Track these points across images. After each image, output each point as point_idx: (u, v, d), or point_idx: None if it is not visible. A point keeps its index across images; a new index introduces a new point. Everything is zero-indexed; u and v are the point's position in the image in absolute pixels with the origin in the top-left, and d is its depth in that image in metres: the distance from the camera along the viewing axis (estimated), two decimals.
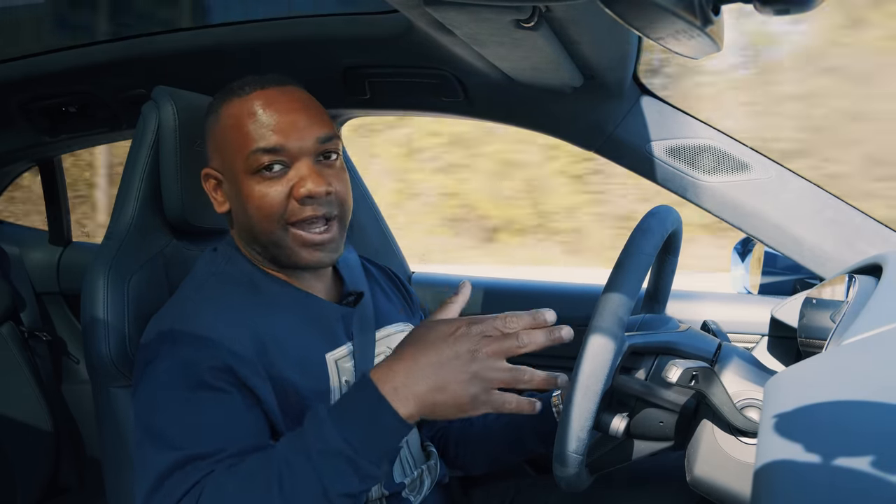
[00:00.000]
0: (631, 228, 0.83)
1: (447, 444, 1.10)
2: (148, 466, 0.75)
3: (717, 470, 0.78)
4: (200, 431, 0.75)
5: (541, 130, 1.29)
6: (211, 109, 0.91)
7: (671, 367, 0.78)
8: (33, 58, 1.25)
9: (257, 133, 0.84)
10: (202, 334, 0.79)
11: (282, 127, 0.84)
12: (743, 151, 1.17)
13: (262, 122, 0.84)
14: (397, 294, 1.10)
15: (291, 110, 0.86)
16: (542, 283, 1.55)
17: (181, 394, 0.77)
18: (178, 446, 0.74)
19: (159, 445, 0.75)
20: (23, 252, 1.84)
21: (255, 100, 0.86)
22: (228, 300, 0.85)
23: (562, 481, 0.78)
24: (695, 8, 0.43)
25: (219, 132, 0.88)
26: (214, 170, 0.90)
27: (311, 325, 0.89)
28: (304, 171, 0.84)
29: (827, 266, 1.14)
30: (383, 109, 1.34)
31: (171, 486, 0.72)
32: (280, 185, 0.84)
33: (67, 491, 1.75)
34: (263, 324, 0.83)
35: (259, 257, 0.91)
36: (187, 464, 0.73)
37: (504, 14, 0.76)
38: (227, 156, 0.87)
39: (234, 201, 0.89)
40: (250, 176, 0.85)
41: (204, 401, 0.77)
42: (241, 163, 0.85)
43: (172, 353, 0.79)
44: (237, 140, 0.85)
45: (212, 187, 0.91)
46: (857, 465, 0.42)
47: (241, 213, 0.88)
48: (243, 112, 0.86)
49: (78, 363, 1.83)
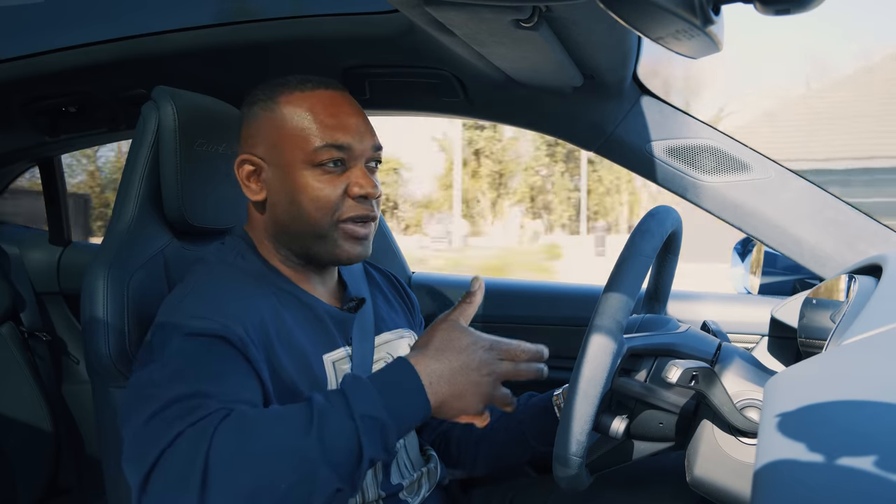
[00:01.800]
0: None
1: (448, 445, 1.10)
2: (148, 399, 0.70)
3: (718, 470, 0.78)
4: (212, 377, 0.72)
5: (541, 130, 1.29)
6: (260, 97, 0.91)
7: (671, 367, 0.78)
8: (33, 58, 1.25)
9: (326, 129, 0.87)
10: (214, 310, 0.79)
11: (351, 128, 0.88)
12: (743, 151, 1.17)
13: (331, 119, 0.87)
14: (398, 300, 1.10)
15: (355, 114, 0.90)
16: (542, 284, 1.55)
17: (187, 351, 0.75)
18: (186, 382, 0.70)
19: (161, 386, 0.71)
20: (23, 252, 1.84)
21: (322, 97, 0.89)
22: (237, 285, 0.86)
23: (562, 482, 0.78)
24: (695, 8, 0.43)
25: (275, 121, 0.88)
26: (257, 157, 0.90)
27: (312, 326, 0.89)
28: (359, 173, 0.88)
29: (827, 266, 1.14)
30: (383, 109, 1.34)
31: (180, 410, 0.67)
32: (338, 182, 0.87)
33: (68, 491, 1.75)
34: (270, 314, 0.84)
35: (280, 254, 0.92)
36: (195, 398, 0.69)
37: (504, 14, 0.76)
38: (282, 146, 0.87)
39: (278, 192, 0.89)
40: (309, 168, 0.87)
41: (215, 358, 0.75)
42: (302, 154, 0.86)
43: (181, 325, 0.78)
44: (301, 132, 0.87)
45: (246, 174, 0.91)
46: (857, 465, 0.42)
47: (284, 204, 0.88)
48: (310, 106, 0.88)
49: (78, 363, 1.83)
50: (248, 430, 0.66)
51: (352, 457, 0.67)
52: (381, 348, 0.98)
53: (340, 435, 0.67)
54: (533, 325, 1.45)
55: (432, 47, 1.07)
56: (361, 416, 0.68)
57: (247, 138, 0.92)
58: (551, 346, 0.84)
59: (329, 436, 0.67)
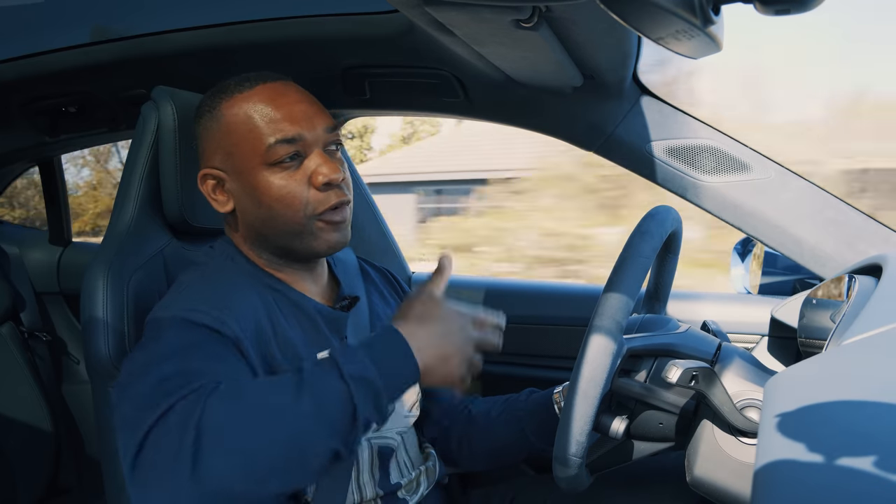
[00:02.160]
0: None
1: (448, 441, 1.10)
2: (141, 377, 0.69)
3: (718, 470, 0.78)
4: (205, 359, 0.72)
5: (541, 131, 1.29)
6: (204, 110, 0.90)
7: (671, 367, 0.78)
8: (33, 58, 1.25)
9: (273, 125, 0.85)
10: (210, 305, 0.79)
11: (297, 118, 0.85)
12: (743, 151, 1.17)
13: (275, 114, 0.85)
14: (395, 296, 1.10)
15: (300, 101, 0.87)
16: (542, 284, 1.55)
17: (184, 336, 0.75)
18: (179, 361, 0.70)
19: (152, 365, 0.70)
20: (23, 252, 1.84)
21: (262, 93, 0.87)
22: (230, 285, 0.85)
23: (562, 482, 0.78)
24: (695, 8, 0.43)
25: (222, 130, 0.87)
26: (216, 169, 0.89)
27: (303, 326, 0.89)
28: (318, 160, 0.86)
29: (827, 266, 1.14)
30: (383, 109, 1.34)
31: (172, 386, 0.67)
32: (299, 176, 0.85)
33: (68, 491, 1.75)
34: (265, 311, 0.84)
35: (262, 258, 0.91)
36: (187, 374, 0.69)
37: (504, 14, 0.75)
38: (235, 153, 0.86)
39: (243, 199, 0.88)
40: (267, 169, 0.85)
41: (208, 345, 0.75)
42: (256, 157, 0.85)
43: (175, 322, 0.77)
44: (249, 135, 0.85)
45: (210, 188, 0.90)
46: (857, 465, 0.42)
47: (252, 210, 0.87)
48: (252, 106, 0.86)
49: (78, 363, 1.83)
50: (239, 397, 0.66)
51: (346, 416, 0.67)
52: None
53: (332, 395, 0.67)
54: (533, 325, 1.45)
55: (432, 47, 1.07)
56: (352, 376, 0.68)
57: (202, 153, 0.91)
58: (551, 346, 0.84)
59: (321, 395, 0.66)
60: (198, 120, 0.91)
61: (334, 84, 1.25)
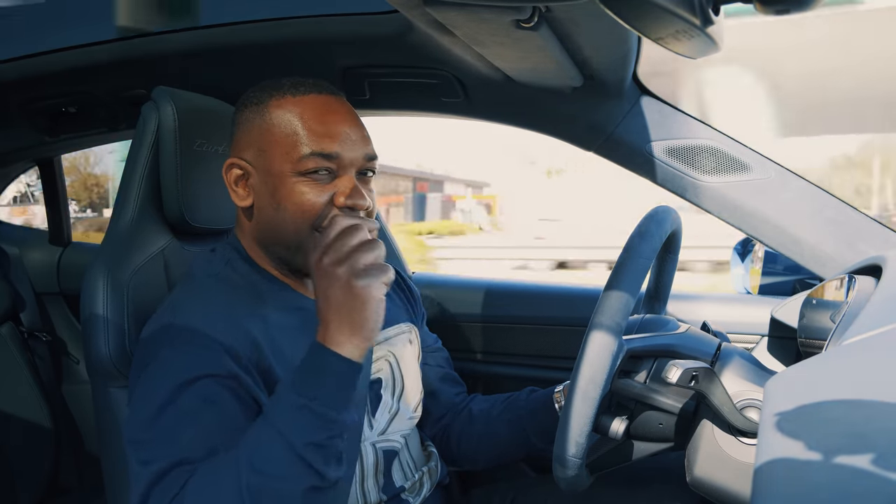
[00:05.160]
0: None
1: (448, 440, 1.10)
2: (139, 477, 0.74)
3: (717, 470, 0.78)
4: (194, 438, 0.74)
5: (541, 131, 1.29)
6: (251, 101, 0.88)
7: (671, 367, 0.78)
8: (33, 58, 1.25)
9: (314, 137, 0.84)
10: (201, 340, 0.78)
11: (340, 137, 0.84)
12: (743, 151, 1.17)
13: (320, 127, 0.84)
14: (398, 292, 1.10)
15: (348, 122, 0.86)
16: (541, 284, 1.55)
17: (177, 403, 0.76)
18: (167, 455, 0.73)
19: (149, 455, 0.74)
20: (23, 252, 1.83)
21: (313, 103, 0.86)
22: (225, 303, 0.84)
23: (562, 482, 0.78)
24: (695, 8, 0.43)
25: (263, 126, 0.86)
26: (245, 161, 0.87)
27: (306, 330, 0.88)
28: (348, 183, 0.85)
29: (827, 266, 1.14)
30: (382, 110, 1.34)
31: (159, 495, 0.72)
32: (323, 191, 0.84)
33: (68, 491, 1.75)
34: (261, 327, 0.83)
35: (269, 258, 0.90)
36: (173, 469, 0.72)
37: (504, 14, 0.76)
38: (270, 152, 0.85)
39: (264, 198, 0.86)
40: (295, 176, 0.84)
41: (200, 410, 0.76)
42: (288, 163, 0.84)
43: (170, 359, 0.78)
44: (288, 139, 0.84)
45: (233, 179, 0.88)
46: (857, 465, 0.42)
47: (269, 212, 0.86)
48: (300, 112, 0.85)
49: (78, 363, 1.83)
50: (200, 490, 0.71)
51: (287, 453, 0.70)
52: (382, 346, 0.98)
53: (267, 442, 0.71)
54: (533, 325, 1.45)
55: (432, 47, 1.07)
56: (275, 413, 0.72)
57: (236, 142, 0.90)
58: (551, 346, 0.84)
59: (259, 455, 0.70)
60: (241, 109, 0.90)
61: (334, 84, 1.25)
